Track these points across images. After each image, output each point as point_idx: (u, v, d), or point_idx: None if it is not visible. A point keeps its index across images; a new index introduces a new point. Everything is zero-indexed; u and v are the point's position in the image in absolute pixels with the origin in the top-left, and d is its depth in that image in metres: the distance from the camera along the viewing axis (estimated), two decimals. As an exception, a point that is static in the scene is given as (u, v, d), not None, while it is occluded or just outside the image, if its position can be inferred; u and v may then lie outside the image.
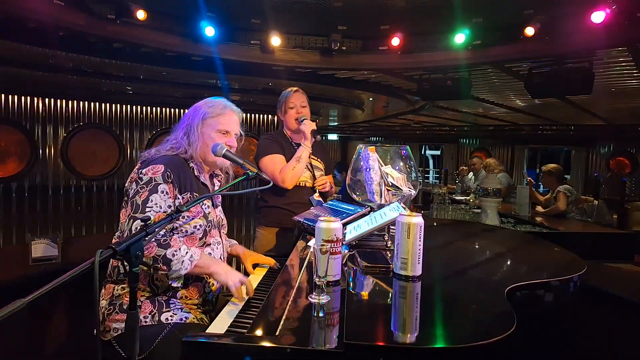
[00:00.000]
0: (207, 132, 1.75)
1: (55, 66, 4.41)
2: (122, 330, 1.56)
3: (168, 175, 1.61)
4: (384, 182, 2.05)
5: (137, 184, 1.60)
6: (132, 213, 1.53)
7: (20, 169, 5.99)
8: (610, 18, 2.91)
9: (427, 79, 4.42)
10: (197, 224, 1.68)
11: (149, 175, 1.60)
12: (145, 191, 1.57)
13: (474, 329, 1.10)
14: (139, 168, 1.66)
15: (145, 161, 1.68)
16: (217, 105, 1.80)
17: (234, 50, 4.22)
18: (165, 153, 1.70)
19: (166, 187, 1.60)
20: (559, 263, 1.76)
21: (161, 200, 1.57)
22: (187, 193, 1.67)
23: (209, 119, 1.76)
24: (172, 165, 1.64)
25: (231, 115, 1.82)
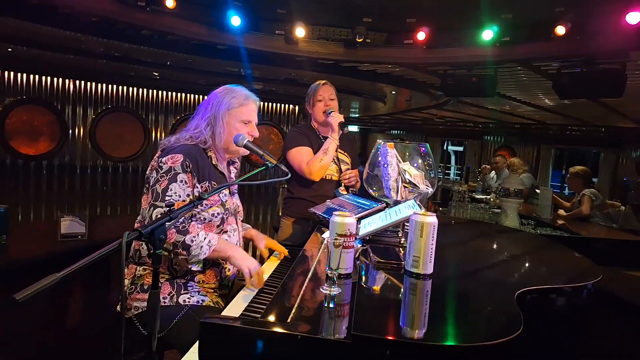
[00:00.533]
0: (232, 123, 1.79)
1: (86, 50, 4.55)
2: (142, 309, 1.65)
3: (187, 165, 1.66)
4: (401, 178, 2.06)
5: (157, 172, 1.66)
6: (153, 201, 1.60)
7: (51, 148, 6.23)
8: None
9: (452, 75, 4.36)
10: (215, 212, 1.74)
11: (169, 165, 1.65)
12: (165, 180, 1.62)
13: (480, 329, 1.12)
14: (159, 156, 1.71)
15: (165, 149, 1.72)
16: (240, 95, 1.83)
17: (259, 40, 4.26)
18: (184, 142, 1.73)
19: (185, 177, 1.65)
20: (573, 269, 1.75)
21: (180, 190, 1.63)
22: (206, 182, 1.72)
23: (234, 110, 1.79)
24: (191, 155, 1.68)
25: (252, 105, 1.86)
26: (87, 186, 6.59)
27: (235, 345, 1.04)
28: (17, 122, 5.94)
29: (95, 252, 1.03)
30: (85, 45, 4.36)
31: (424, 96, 6.52)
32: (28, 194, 6.12)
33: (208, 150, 1.79)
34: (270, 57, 4.57)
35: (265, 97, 7.33)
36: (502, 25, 3.58)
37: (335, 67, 4.98)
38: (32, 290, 0.88)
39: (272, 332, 1.02)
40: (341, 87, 6.59)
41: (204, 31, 3.98)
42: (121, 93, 6.65)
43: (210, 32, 3.98)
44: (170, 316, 1.62)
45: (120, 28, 3.80)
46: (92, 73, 6.17)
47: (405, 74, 5.38)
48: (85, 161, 6.53)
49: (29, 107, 6.01)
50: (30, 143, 6.08)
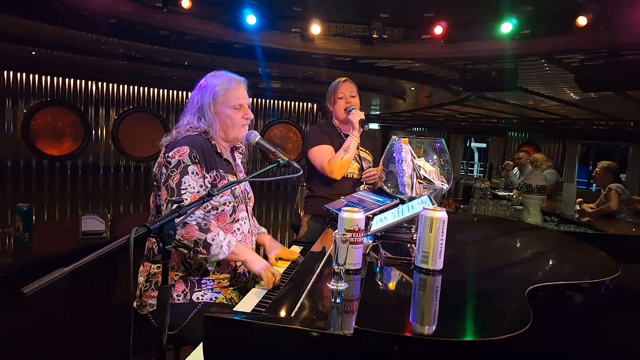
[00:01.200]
0: (222, 111, 1.75)
1: (107, 52, 4.65)
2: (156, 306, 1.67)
3: (195, 156, 1.65)
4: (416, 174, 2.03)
5: (166, 168, 1.63)
6: (169, 197, 1.58)
7: (75, 149, 6.39)
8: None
9: (471, 70, 4.27)
10: (225, 200, 1.72)
11: (177, 158, 1.63)
12: (177, 174, 1.61)
13: (488, 325, 1.10)
14: (164, 152, 1.69)
15: (169, 145, 1.70)
16: (224, 80, 1.77)
17: (275, 38, 4.27)
18: (186, 134, 1.71)
19: (195, 168, 1.64)
20: (591, 265, 1.69)
21: (193, 181, 1.61)
22: (213, 171, 1.70)
23: (220, 98, 1.74)
24: (196, 145, 1.66)
25: (239, 88, 1.80)
26: (110, 185, 6.75)
27: (238, 339, 1.04)
28: (42, 123, 6.11)
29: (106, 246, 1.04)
30: (106, 47, 4.46)
31: (444, 92, 6.42)
32: (53, 194, 6.29)
33: (211, 139, 1.75)
34: (287, 55, 4.57)
35: (284, 96, 7.35)
36: (522, 18, 3.48)
37: (352, 64, 4.95)
38: (40, 284, 0.88)
39: (273, 326, 1.02)
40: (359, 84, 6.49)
41: (220, 30, 4.01)
42: (142, 94, 6.78)
43: (227, 32, 4.01)
44: (183, 313, 1.63)
45: (139, 29, 3.87)
46: (113, 74, 6.30)
47: (423, 69, 5.31)
48: (108, 161, 6.68)
49: (53, 109, 6.18)
50: (55, 144, 6.26)
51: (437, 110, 9.42)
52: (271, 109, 7.43)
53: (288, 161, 1.82)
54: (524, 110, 8.18)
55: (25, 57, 5.16)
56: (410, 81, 5.68)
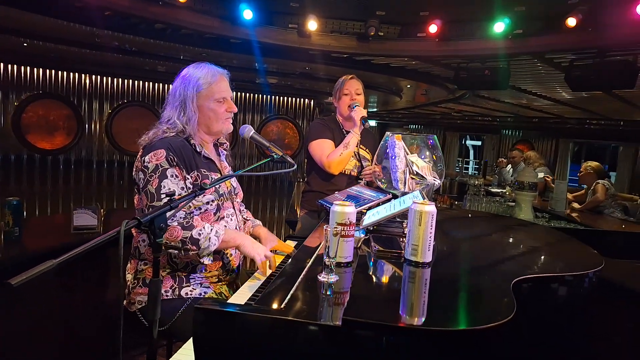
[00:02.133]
0: (205, 105, 1.71)
1: (101, 45, 4.61)
2: (145, 303, 1.65)
3: (172, 159, 1.61)
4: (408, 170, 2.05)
5: (144, 173, 1.60)
6: (150, 203, 1.56)
7: (67, 143, 6.33)
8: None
9: (465, 68, 4.30)
10: (209, 199, 1.70)
11: (154, 163, 1.59)
12: (155, 179, 1.58)
13: (474, 315, 1.13)
14: (141, 155, 1.65)
15: (146, 147, 1.66)
16: (206, 73, 1.72)
17: (271, 34, 4.26)
18: (163, 136, 1.67)
19: (174, 171, 1.61)
20: (576, 259, 1.73)
21: (173, 184, 1.59)
22: (194, 171, 1.67)
23: (203, 91, 1.70)
24: (173, 147, 1.63)
25: (223, 80, 1.76)
26: (103, 180, 6.70)
27: (228, 331, 1.05)
28: (33, 116, 6.02)
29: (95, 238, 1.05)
30: (100, 40, 4.43)
31: (439, 90, 6.45)
32: (45, 188, 6.21)
33: (190, 138, 1.71)
34: (284, 51, 4.57)
35: (281, 92, 7.34)
36: (515, 18, 3.52)
37: (349, 60, 4.96)
38: (28, 276, 0.88)
39: (263, 317, 1.03)
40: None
41: (217, 24, 4.00)
42: (137, 87, 6.74)
43: (223, 26, 4.00)
44: (172, 309, 1.62)
45: (134, 22, 3.85)
46: (107, 67, 6.25)
47: (419, 67, 5.33)
48: (102, 155, 6.63)
49: (45, 102, 6.10)
50: (47, 137, 6.18)
51: (433, 107, 9.47)
52: (268, 105, 7.42)
53: (282, 156, 1.82)
54: (518, 108, 8.25)
55: (16, 49, 5.11)
56: (406, 79, 5.70)
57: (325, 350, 0.99)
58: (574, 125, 9.48)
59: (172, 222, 1.55)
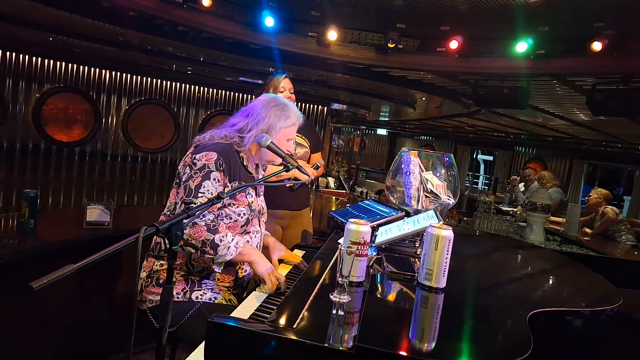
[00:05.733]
0: (281, 140, 1.82)
1: (123, 43, 4.69)
2: (156, 302, 1.67)
3: (220, 164, 1.67)
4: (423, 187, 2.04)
5: (190, 168, 1.67)
6: (185, 197, 1.60)
7: (84, 136, 6.42)
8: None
9: (484, 85, 4.29)
10: (241, 212, 1.75)
11: (203, 162, 1.66)
12: (199, 177, 1.64)
13: (489, 349, 1.11)
14: (192, 152, 1.72)
15: (199, 146, 1.73)
16: (293, 115, 1.85)
17: (291, 42, 4.30)
18: (218, 141, 1.74)
19: (218, 175, 1.66)
20: (593, 292, 1.70)
21: (212, 187, 1.64)
22: (236, 182, 1.72)
23: (286, 129, 1.83)
24: (224, 154, 1.70)
25: (298, 125, 1.90)
26: (117, 175, 6.77)
27: (240, 346, 1.06)
28: (53, 109, 6.12)
29: (115, 244, 1.06)
30: (124, 38, 4.51)
31: (455, 104, 6.43)
32: (60, 180, 6.31)
33: (241, 152, 1.80)
34: (302, 59, 4.60)
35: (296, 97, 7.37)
36: (538, 38, 3.50)
37: (365, 71, 4.97)
38: (48, 280, 0.89)
39: (277, 337, 1.04)
40: (371, 90, 6.59)
41: (238, 30, 4.05)
42: (154, 86, 6.82)
43: (245, 32, 4.05)
44: (181, 311, 1.64)
45: (158, 23, 3.91)
46: (127, 65, 6.35)
47: (436, 81, 5.32)
48: (116, 150, 6.71)
49: (66, 95, 6.20)
50: (65, 130, 6.28)
51: (445, 120, 9.43)
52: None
53: (297, 167, 1.84)
54: (533, 127, 8.19)
55: (42, 42, 5.22)
56: (422, 91, 5.70)
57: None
58: (589, 147, 9.37)
59: (200, 222, 1.60)
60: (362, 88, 6.33)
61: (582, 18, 3.14)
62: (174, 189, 1.74)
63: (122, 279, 2.84)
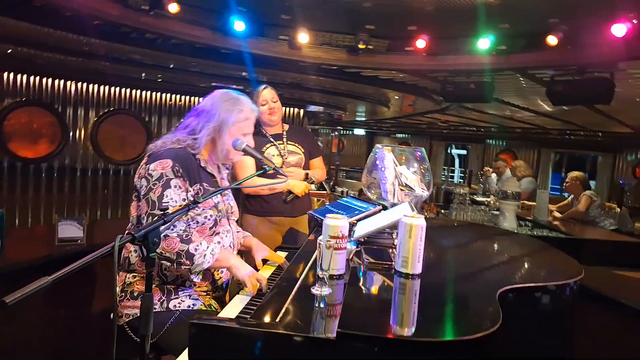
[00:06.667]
0: (236, 134, 1.76)
1: (89, 53, 4.60)
2: (133, 316, 1.63)
3: (177, 170, 1.63)
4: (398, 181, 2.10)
5: (147, 180, 1.61)
6: (150, 210, 1.56)
7: (51, 151, 6.21)
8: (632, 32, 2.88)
9: (451, 82, 4.42)
10: (207, 214, 1.71)
11: (159, 171, 1.61)
12: (159, 187, 1.59)
13: (463, 325, 1.16)
14: (146, 163, 1.66)
15: (152, 155, 1.67)
16: (247, 108, 1.79)
17: (263, 45, 4.32)
18: (171, 146, 1.69)
19: (178, 181, 1.62)
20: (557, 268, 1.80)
21: (175, 195, 1.59)
22: (197, 184, 1.68)
23: (240, 123, 1.77)
24: (179, 159, 1.65)
25: (254, 118, 1.84)
26: (88, 189, 6.55)
27: (224, 345, 1.07)
28: (15, 124, 5.88)
29: (90, 254, 1.04)
30: (88, 48, 4.43)
31: (426, 101, 6.58)
32: (27, 198, 6.07)
33: (197, 154, 1.74)
34: (275, 62, 4.62)
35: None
36: (499, 35, 3.66)
37: (338, 72, 5.04)
38: (22, 294, 0.86)
39: (261, 332, 1.05)
40: (346, 91, 6.67)
41: (208, 35, 4.04)
42: (124, 95, 6.69)
43: (215, 37, 4.04)
44: (161, 321, 1.60)
45: (124, 31, 3.86)
46: (94, 75, 6.21)
47: (407, 79, 5.44)
48: (86, 164, 6.51)
49: (29, 109, 5.99)
50: (30, 145, 6.05)
51: (420, 118, 9.63)
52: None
53: (274, 168, 1.85)
54: (502, 119, 8.46)
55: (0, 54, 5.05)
56: (394, 90, 5.81)
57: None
58: (555, 136, 9.76)
59: (171, 233, 1.56)
60: (336, 89, 6.40)
61: (538, 15, 3.30)
62: (133, 202, 1.70)
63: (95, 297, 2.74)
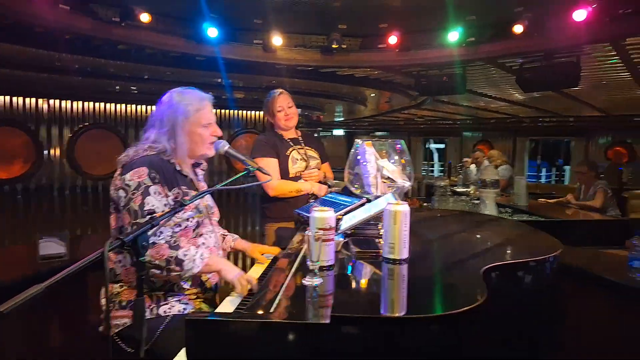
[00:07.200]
0: (193, 130, 1.73)
1: (61, 68, 4.54)
2: (122, 326, 1.62)
3: (154, 176, 1.62)
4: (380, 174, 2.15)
5: (125, 191, 1.60)
6: (133, 220, 1.54)
7: (25, 170, 6.06)
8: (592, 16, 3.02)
9: (425, 75, 4.52)
10: (189, 216, 1.70)
11: (136, 180, 1.59)
12: (138, 196, 1.57)
13: (450, 302, 1.22)
14: (120, 174, 1.64)
15: (126, 165, 1.65)
16: (194, 99, 1.75)
17: (237, 50, 4.34)
18: (144, 154, 1.67)
19: (157, 188, 1.61)
20: (537, 246, 1.87)
21: (157, 201, 1.58)
22: (175, 189, 1.67)
23: (192, 117, 1.72)
24: (154, 166, 1.64)
25: (208, 105, 1.79)
26: (67, 207, 6.44)
27: (221, 340, 1.09)
28: (-12, 145, 5.76)
29: (80, 260, 1.04)
30: (60, 63, 4.37)
31: (402, 97, 6.68)
32: (3, 220, 5.91)
33: (170, 158, 1.73)
34: (250, 66, 4.65)
35: (249, 106, 7.40)
36: (467, 27, 3.76)
37: (314, 73, 5.09)
38: (17, 301, 0.88)
39: (256, 323, 1.08)
40: (322, 91, 6.73)
41: (181, 43, 4.04)
42: (98, 110, 6.59)
43: (188, 44, 4.04)
44: (152, 329, 1.57)
45: (96, 44, 3.83)
46: (67, 91, 6.12)
47: (382, 76, 5.53)
48: (63, 181, 6.38)
49: (1, 129, 5.84)
50: (4, 166, 5.90)
51: (397, 114, 9.76)
52: (236, 120, 7.48)
53: (258, 168, 1.87)
54: (477, 111, 8.65)
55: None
56: (370, 88, 5.89)
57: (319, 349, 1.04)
58: (529, 124, 10.04)
59: (159, 240, 1.55)
60: (313, 90, 6.45)
61: (503, 5, 3.42)
62: (112, 214, 1.69)
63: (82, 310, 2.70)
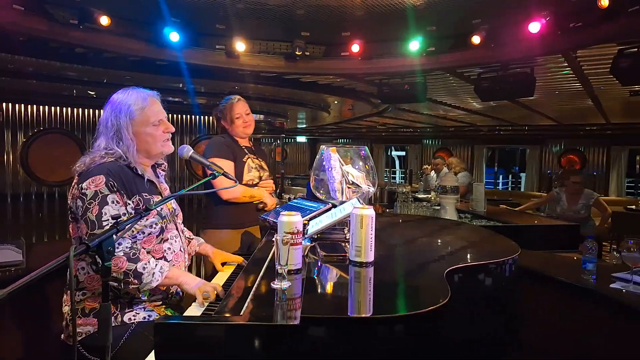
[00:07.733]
0: (141, 130, 1.68)
1: (14, 71, 4.35)
2: (86, 334, 1.59)
3: (112, 185, 1.57)
4: (345, 180, 2.19)
5: (82, 200, 1.55)
6: (90, 231, 1.50)
7: (-23, 177, 5.79)
8: (546, 28, 3.21)
9: (387, 84, 4.65)
10: (152, 223, 1.66)
11: (92, 189, 1.55)
12: (95, 205, 1.53)
13: (415, 302, 1.27)
14: (77, 182, 1.59)
15: (83, 174, 1.60)
16: (136, 98, 1.69)
17: (199, 55, 4.30)
18: (101, 161, 1.61)
19: (114, 196, 1.57)
20: (497, 249, 1.97)
21: (114, 211, 1.54)
22: (136, 196, 1.63)
23: (137, 117, 1.67)
24: (112, 173, 1.59)
25: (154, 103, 1.74)
26: (21, 215, 6.18)
27: (190, 343, 1.08)
28: (-63, 151, 5.47)
29: (45, 265, 1.02)
30: (14, 66, 4.18)
31: (365, 105, 6.82)
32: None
33: (129, 163, 1.67)
34: (212, 72, 4.61)
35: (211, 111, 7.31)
36: (427, 37, 3.91)
37: (277, 79, 5.11)
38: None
39: (225, 325, 1.09)
40: (286, 98, 6.76)
41: (142, 47, 3.96)
42: (54, 114, 6.35)
43: (149, 48, 3.97)
44: (116, 336, 1.53)
45: (52, 47, 3.70)
46: (21, 94, 5.85)
47: (345, 84, 5.62)
48: (17, 188, 6.13)
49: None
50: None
51: (359, 122, 9.95)
52: (199, 125, 7.39)
53: (223, 173, 1.87)
54: (436, 119, 8.96)
55: None
56: (333, 95, 5.97)
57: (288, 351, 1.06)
58: (486, 133, 10.49)
59: (117, 253, 1.50)
60: (276, 96, 6.47)
61: (461, 16, 3.58)
62: (71, 223, 1.64)
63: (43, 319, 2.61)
